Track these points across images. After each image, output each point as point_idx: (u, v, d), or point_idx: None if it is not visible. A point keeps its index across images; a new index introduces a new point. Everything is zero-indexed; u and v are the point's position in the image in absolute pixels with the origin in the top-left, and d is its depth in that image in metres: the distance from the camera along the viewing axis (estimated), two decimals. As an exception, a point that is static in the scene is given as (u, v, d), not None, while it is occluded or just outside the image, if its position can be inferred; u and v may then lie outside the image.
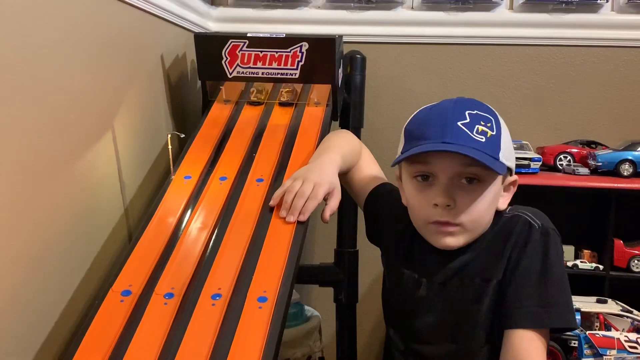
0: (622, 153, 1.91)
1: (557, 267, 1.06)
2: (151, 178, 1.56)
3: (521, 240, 1.08)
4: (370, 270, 2.13)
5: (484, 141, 1.04)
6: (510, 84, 2.16)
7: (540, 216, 1.10)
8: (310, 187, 1.23)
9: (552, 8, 2.10)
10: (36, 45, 1.08)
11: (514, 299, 1.05)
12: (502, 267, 1.08)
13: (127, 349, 1.00)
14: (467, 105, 1.08)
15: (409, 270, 1.19)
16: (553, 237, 1.07)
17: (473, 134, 1.04)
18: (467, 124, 1.04)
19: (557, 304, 1.05)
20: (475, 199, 1.07)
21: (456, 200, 1.06)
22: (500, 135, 1.07)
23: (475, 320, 1.09)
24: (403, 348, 1.20)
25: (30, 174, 1.07)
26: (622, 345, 1.59)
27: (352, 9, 2.16)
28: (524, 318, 1.03)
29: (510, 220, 1.11)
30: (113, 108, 1.39)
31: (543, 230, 1.07)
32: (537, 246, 1.06)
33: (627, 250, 1.88)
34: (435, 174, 1.08)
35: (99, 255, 1.30)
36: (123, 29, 1.45)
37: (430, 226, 1.10)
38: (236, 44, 1.61)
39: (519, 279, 1.06)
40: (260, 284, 1.11)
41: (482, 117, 1.06)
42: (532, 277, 1.05)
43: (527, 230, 1.08)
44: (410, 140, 1.10)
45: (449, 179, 1.07)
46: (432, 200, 1.08)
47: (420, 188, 1.10)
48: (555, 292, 1.05)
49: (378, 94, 2.15)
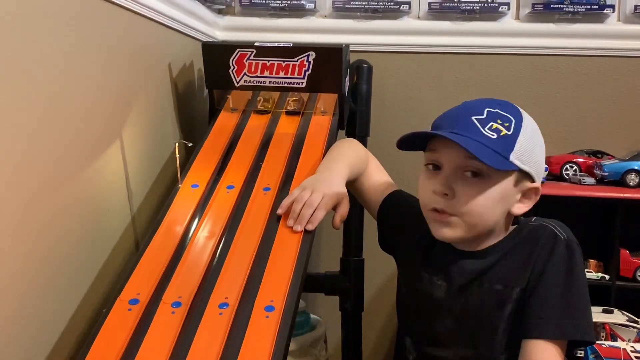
0: (628, 163, 1.90)
1: (580, 281, 1.07)
2: (158, 186, 1.56)
3: (546, 251, 1.08)
4: (376, 279, 2.13)
5: (494, 138, 1.05)
6: (516, 93, 2.16)
7: (564, 228, 1.11)
8: (319, 197, 1.24)
9: (558, 18, 2.10)
10: (45, 55, 1.09)
11: (538, 310, 1.05)
12: (526, 276, 1.08)
13: (134, 359, 1.00)
14: (491, 103, 1.10)
15: (427, 274, 1.19)
16: (577, 251, 1.08)
17: (484, 129, 1.05)
18: (482, 120, 1.06)
19: (579, 317, 1.05)
20: (476, 193, 1.07)
21: (456, 191, 1.08)
22: (518, 136, 1.07)
23: (496, 327, 1.09)
24: (415, 355, 1.20)
25: (38, 182, 1.07)
26: (629, 356, 1.58)
27: (359, 19, 2.16)
28: (547, 329, 1.04)
29: (536, 230, 1.12)
30: (121, 117, 1.40)
31: (568, 243, 1.08)
32: (563, 258, 1.07)
33: (633, 260, 1.88)
34: (442, 164, 1.10)
35: (106, 263, 1.30)
36: (131, 38, 1.46)
37: (429, 213, 1.13)
38: (243, 53, 1.62)
39: (542, 290, 1.06)
40: (267, 293, 1.11)
41: (501, 116, 1.07)
42: (556, 289, 1.05)
43: (552, 241, 1.08)
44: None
45: (452, 170, 1.08)
46: (432, 187, 1.10)
47: (428, 175, 1.13)
48: (578, 305, 1.06)
49: (384, 102, 2.16)
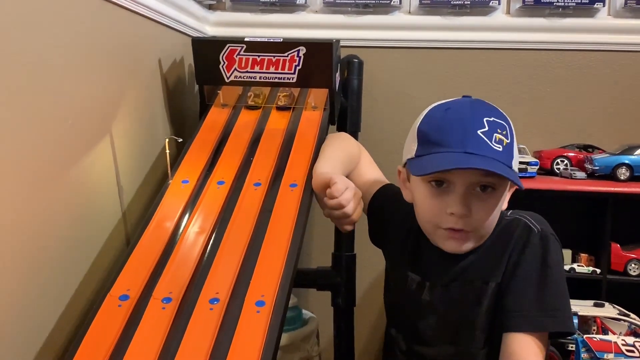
0: (619, 157, 1.91)
1: (556, 272, 1.07)
2: (149, 182, 1.55)
3: (520, 244, 1.08)
4: (368, 274, 2.13)
5: (501, 150, 1.04)
6: (507, 88, 2.16)
7: (540, 221, 1.11)
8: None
9: (549, 12, 2.11)
10: (33, 50, 1.08)
11: (514, 303, 1.06)
12: (501, 270, 1.08)
13: (125, 354, 1.00)
14: (484, 110, 1.07)
15: (413, 273, 1.19)
16: (552, 242, 1.08)
17: (492, 143, 1.04)
18: (486, 133, 1.04)
19: (556, 309, 1.05)
20: (490, 207, 1.07)
21: (471, 209, 1.06)
22: (514, 142, 1.08)
23: (475, 322, 1.10)
24: (405, 348, 1.20)
25: (27, 178, 1.06)
26: (620, 349, 1.59)
27: (350, 14, 2.16)
28: (524, 322, 1.04)
29: (510, 224, 1.12)
30: (110, 112, 1.39)
31: (542, 235, 1.08)
32: (536, 250, 1.07)
33: (624, 254, 1.89)
34: (452, 182, 1.07)
35: (96, 259, 1.29)
36: (120, 33, 1.45)
37: (441, 231, 1.10)
38: (234, 48, 1.61)
39: (518, 283, 1.06)
40: (258, 289, 1.10)
41: (498, 125, 1.06)
42: (531, 281, 1.06)
43: (526, 234, 1.08)
44: (425, 144, 1.08)
45: (465, 188, 1.06)
46: (448, 208, 1.07)
47: (434, 193, 1.09)
48: (555, 296, 1.05)
49: (375, 97, 2.15)
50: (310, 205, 1.33)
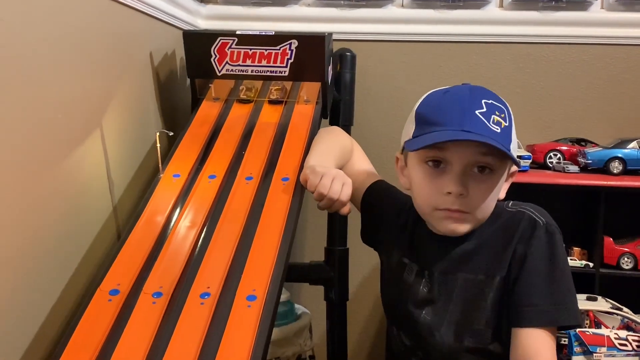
0: (611, 151, 1.91)
1: (564, 266, 1.07)
2: (140, 176, 1.55)
3: (525, 237, 1.08)
4: (361, 269, 2.13)
5: (499, 132, 1.04)
6: (500, 81, 2.15)
7: (543, 213, 1.10)
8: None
9: (542, 6, 2.10)
10: (22, 43, 1.07)
11: (525, 298, 1.05)
12: (506, 263, 1.08)
13: (115, 349, 0.99)
14: (483, 93, 1.08)
15: (411, 262, 1.18)
16: (557, 235, 1.08)
17: (490, 123, 1.04)
18: (484, 113, 1.04)
19: (567, 302, 1.05)
20: (487, 189, 1.07)
21: (468, 189, 1.06)
22: (512, 127, 1.08)
23: (481, 317, 1.09)
24: (409, 344, 1.19)
25: (17, 173, 1.06)
26: (612, 343, 1.59)
27: (342, 7, 2.15)
28: (536, 316, 1.04)
29: (514, 216, 1.11)
30: (101, 106, 1.38)
31: (548, 228, 1.08)
32: (543, 244, 1.07)
33: (617, 248, 1.89)
34: (449, 161, 1.06)
35: (87, 254, 1.29)
36: (111, 26, 1.44)
37: (438, 212, 1.10)
38: (225, 41, 1.60)
39: (527, 276, 1.06)
40: (249, 283, 1.10)
41: (497, 107, 1.06)
42: (541, 275, 1.05)
43: (531, 227, 1.08)
44: (423, 125, 1.08)
45: (463, 167, 1.06)
46: (445, 188, 1.06)
47: (431, 174, 1.09)
48: (564, 290, 1.06)
49: (368, 91, 2.15)
50: (302, 200, 1.33)
